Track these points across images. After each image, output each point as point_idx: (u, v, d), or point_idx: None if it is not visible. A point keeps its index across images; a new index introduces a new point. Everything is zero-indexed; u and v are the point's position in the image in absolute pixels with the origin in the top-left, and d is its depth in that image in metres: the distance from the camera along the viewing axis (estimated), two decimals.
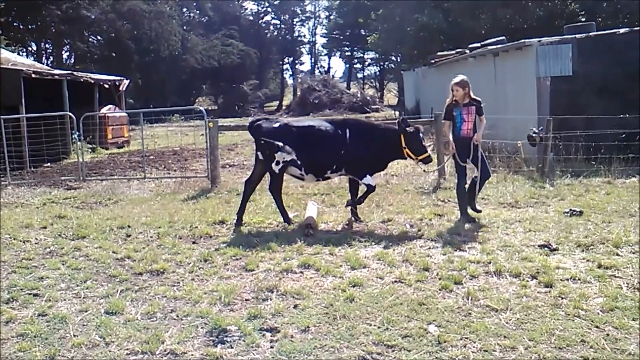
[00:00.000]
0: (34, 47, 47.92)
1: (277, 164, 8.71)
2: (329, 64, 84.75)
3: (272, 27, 73.89)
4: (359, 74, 78.80)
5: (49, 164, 17.90)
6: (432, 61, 26.07)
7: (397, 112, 39.08)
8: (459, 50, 23.34)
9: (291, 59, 76.43)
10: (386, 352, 4.61)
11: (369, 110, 47.43)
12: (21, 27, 42.10)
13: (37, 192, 12.95)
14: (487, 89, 17.87)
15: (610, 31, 15.56)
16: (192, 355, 4.66)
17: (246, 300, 5.73)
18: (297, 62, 78.59)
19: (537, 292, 5.73)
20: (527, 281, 6.03)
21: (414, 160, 8.86)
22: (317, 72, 73.04)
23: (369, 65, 76.51)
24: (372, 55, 70.03)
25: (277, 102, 67.55)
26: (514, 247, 7.17)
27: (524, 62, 15.31)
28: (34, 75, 20.21)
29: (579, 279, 6.05)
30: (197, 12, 65.36)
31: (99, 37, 50.05)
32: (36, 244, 7.97)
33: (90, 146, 20.94)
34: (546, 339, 4.74)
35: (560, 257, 6.81)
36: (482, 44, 20.89)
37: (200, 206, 10.29)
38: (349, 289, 5.86)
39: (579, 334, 4.79)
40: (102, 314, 5.45)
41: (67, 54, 49.94)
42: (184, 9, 62.82)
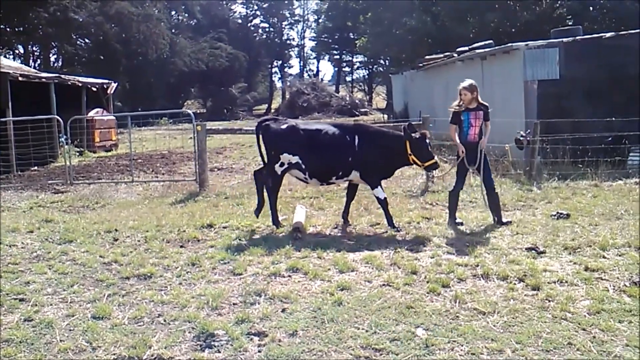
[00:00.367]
0: (21, 50, 47.72)
1: (282, 165, 8.67)
2: (318, 67, 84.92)
3: (260, 31, 73.84)
4: (347, 78, 78.91)
5: (36, 168, 17.80)
6: (421, 65, 26.18)
7: (386, 116, 39.17)
8: (447, 53, 23.44)
9: (280, 62, 76.44)
10: (374, 355, 4.61)
11: (357, 113, 47.42)
12: (8, 29, 41.83)
13: (24, 196, 12.88)
14: None
15: (596, 35, 15.69)
16: (180, 359, 4.64)
17: (234, 304, 5.71)
18: (285, 65, 78.72)
19: (525, 295, 5.76)
20: (515, 284, 6.05)
21: (420, 166, 8.74)
22: (305, 75, 73.07)
23: (358, 68, 76.78)
24: (360, 58, 70.31)
25: (266, 105, 67.49)
26: (502, 250, 7.19)
27: (512, 66, 15.40)
28: (21, 78, 20.08)
29: (566, 282, 6.08)
30: (186, 15, 65.21)
31: (86, 40, 49.80)
32: (22, 248, 7.92)
33: (77, 150, 20.81)
34: (533, 341, 4.75)
35: (547, 259, 6.84)
36: (470, 47, 20.98)
37: (188, 210, 10.26)
38: (337, 293, 5.86)
39: (566, 337, 4.81)
40: (88, 319, 5.41)
41: (55, 56, 49.79)
42: (173, 12, 62.63)
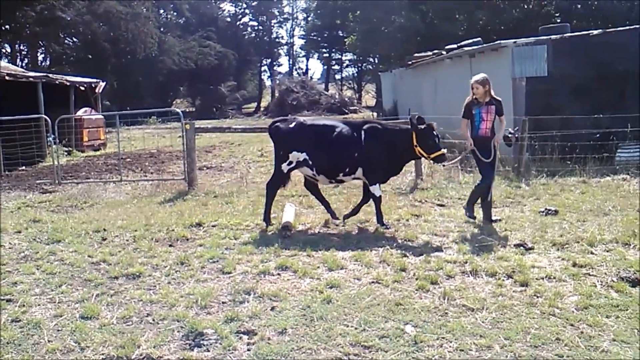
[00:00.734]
0: (8, 49, 47.27)
1: (289, 164, 8.70)
2: (307, 66, 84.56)
3: (249, 29, 73.59)
4: (337, 76, 78.86)
5: (24, 168, 17.67)
6: (409, 62, 26.19)
7: (375, 113, 39.18)
8: (436, 51, 23.47)
9: (269, 60, 76.24)
10: (363, 353, 4.61)
11: (347, 111, 47.38)
12: None
13: (12, 196, 12.80)
14: (464, 89, 17.98)
15: (584, 32, 15.75)
16: (169, 359, 4.63)
17: (223, 303, 5.70)
18: (275, 63, 78.54)
19: (513, 291, 5.79)
20: (503, 280, 6.09)
21: (426, 158, 8.60)
22: (295, 73, 72.90)
23: (347, 66, 76.67)
24: (350, 56, 70.27)
25: (255, 103, 67.37)
26: (490, 247, 7.22)
27: (500, 63, 15.44)
28: (8, 77, 19.97)
29: (554, 278, 6.12)
30: (174, 13, 64.87)
31: (74, 39, 49.43)
32: (10, 248, 7.87)
33: (66, 149, 20.69)
34: (522, 337, 4.78)
35: (535, 256, 6.88)
36: (458, 45, 21.02)
37: (177, 209, 10.23)
38: (327, 291, 5.86)
39: (554, 332, 4.84)
40: (77, 319, 5.39)
41: (42, 55, 49.35)
42: (161, 11, 62.26)
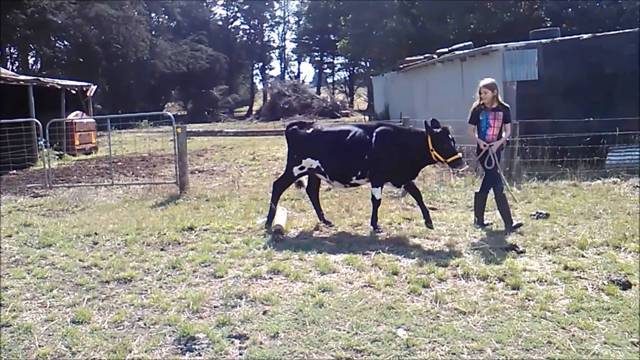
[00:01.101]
0: None
1: (302, 168, 8.81)
2: (299, 69, 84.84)
3: (241, 32, 73.67)
4: (328, 79, 78.93)
5: (15, 172, 17.59)
6: (401, 66, 26.23)
7: (367, 117, 39.24)
8: (427, 55, 23.53)
9: (261, 64, 76.33)
10: (355, 356, 4.61)
11: (339, 115, 47.52)
12: None
13: (2, 200, 12.72)
14: (455, 93, 18.05)
15: (574, 36, 15.84)
16: None
17: (215, 307, 5.69)
18: (266, 67, 78.62)
19: (505, 295, 5.80)
20: (495, 284, 6.10)
21: (442, 163, 8.32)
22: (287, 77, 73.09)
23: (339, 70, 76.75)
24: (341, 60, 70.29)
25: (247, 107, 67.34)
26: (482, 250, 7.24)
27: (491, 67, 15.48)
28: None
29: (546, 281, 6.13)
30: (166, 17, 64.83)
31: (65, 42, 49.29)
32: (1, 253, 7.82)
33: (57, 153, 20.63)
34: (513, 340, 4.79)
35: (527, 259, 6.90)
36: (449, 49, 21.08)
37: (168, 212, 10.20)
38: (319, 294, 5.86)
39: (546, 335, 4.85)
40: (68, 324, 5.36)
41: (33, 59, 49.18)
42: (153, 14, 62.22)
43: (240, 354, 4.70)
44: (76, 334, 5.09)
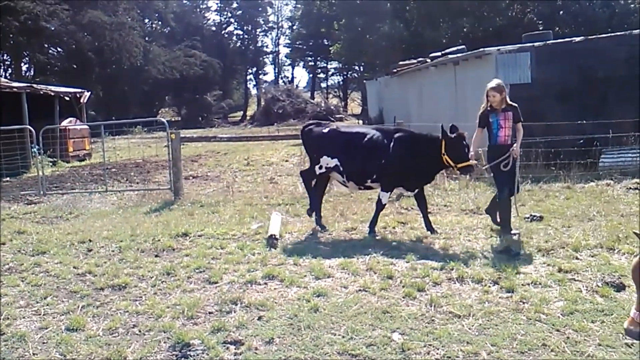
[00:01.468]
0: None
1: (320, 167, 8.89)
2: (293, 74, 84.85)
3: (235, 38, 73.72)
4: (322, 84, 79.11)
5: (8, 179, 17.54)
6: (394, 70, 26.28)
7: (361, 121, 39.28)
8: (421, 59, 23.59)
9: (255, 69, 76.38)
10: None
11: (333, 119, 47.48)
12: None
13: None
14: (448, 97, 18.11)
15: (567, 39, 15.91)
16: None
17: (210, 313, 5.68)
18: (260, 72, 78.65)
19: (499, 298, 5.81)
20: (489, 287, 6.10)
21: (453, 168, 8.31)
22: (280, 82, 72.95)
23: (333, 74, 76.96)
24: (335, 64, 70.45)
25: (241, 112, 67.34)
26: (476, 253, 7.25)
27: (484, 71, 15.52)
28: None
29: (540, 284, 6.15)
30: (159, 23, 64.85)
31: (59, 49, 49.18)
32: None
33: (50, 160, 20.54)
34: (508, 343, 4.80)
35: (521, 262, 6.90)
36: (442, 53, 21.15)
37: (163, 219, 10.19)
38: (314, 299, 5.86)
39: (540, 338, 4.86)
40: (62, 331, 5.35)
41: (27, 66, 49.08)
42: (146, 20, 62.19)
43: None
44: (70, 342, 5.07)
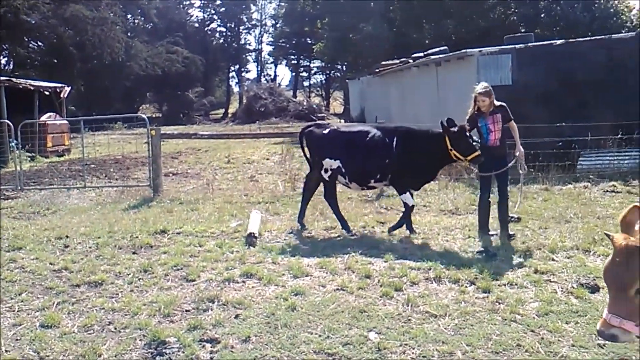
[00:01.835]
0: None
1: (326, 171, 8.70)
2: (275, 72, 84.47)
3: (218, 35, 73.30)
4: (305, 83, 78.94)
5: None
6: (377, 70, 26.34)
7: (343, 121, 39.32)
8: (403, 59, 23.65)
9: (237, 66, 76.03)
10: None
11: (315, 118, 47.39)
12: None
13: None
14: (430, 97, 18.18)
15: (548, 42, 16.02)
16: None
17: (186, 311, 5.66)
18: (243, 70, 78.24)
19: (475, 298, 5.85)
20: (466, 287, 6.14)
21: (463, 161, 8.36)
22: (263, 80, 72.71)
23: (315, 73, 76.74)
24: (318, 63, 70.30)
25: (223, 109, 67.05)
26: (454, 254, 7.29)
27: (466, 72, 15.60)
28: None
29: (516, 284, 6.20)
30: (142, 18, 64.30)
31: (39, 43, 48.60)
32: None
33: (29, 154, 20.36)
34: (483, 343, 4.83)
35: (498, 262, 6.95)
36: (425, 53, 21.19)
37: (141, 216, 10.12)
38: (291, 298, 5.86)
39: (515, 339, 4.90)
40: (37, 328, 5.31)
41: (6, 59, 48.50)
42: (129, 15, 61.68)
43: (211, 358, 4.69)
44: (45, 339, 5.03)
